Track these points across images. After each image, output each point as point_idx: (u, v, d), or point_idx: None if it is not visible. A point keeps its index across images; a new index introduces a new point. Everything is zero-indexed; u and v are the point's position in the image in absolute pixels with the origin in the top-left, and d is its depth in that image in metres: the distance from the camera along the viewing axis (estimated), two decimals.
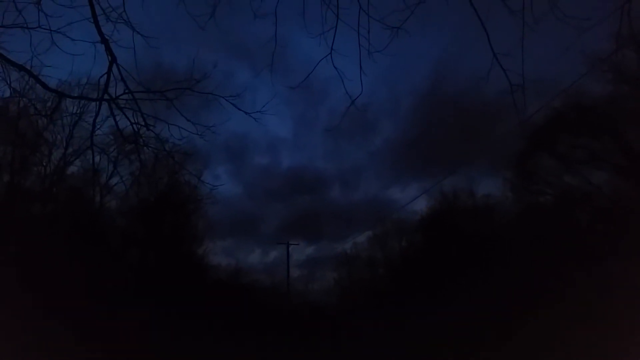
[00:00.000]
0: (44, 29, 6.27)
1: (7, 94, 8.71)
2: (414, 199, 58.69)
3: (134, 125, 7.09)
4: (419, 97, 49.64)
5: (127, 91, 6.71)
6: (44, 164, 24.07)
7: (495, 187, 41.06)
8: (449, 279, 27.42)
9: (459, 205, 34.31)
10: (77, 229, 23.39)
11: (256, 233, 67.72)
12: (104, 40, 6.00)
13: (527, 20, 5.52)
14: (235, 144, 60.06)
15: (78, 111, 22.61)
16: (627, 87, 19.93)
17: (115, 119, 7.10)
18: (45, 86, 6.99)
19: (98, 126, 8.13)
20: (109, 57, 6.16)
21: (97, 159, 17.67)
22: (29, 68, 6.61)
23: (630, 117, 20.51)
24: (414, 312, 28.41)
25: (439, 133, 43.07)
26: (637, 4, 5.39)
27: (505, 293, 21.64)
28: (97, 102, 6.94)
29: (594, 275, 18.23)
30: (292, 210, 64.11)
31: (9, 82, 7.62)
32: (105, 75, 6.39)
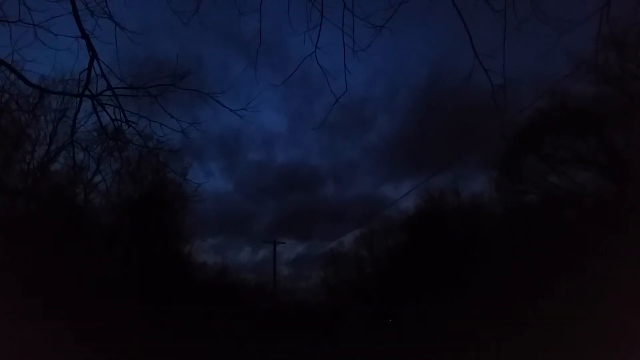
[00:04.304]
0: (25, 23, 6.19)
1: None
2: (401, 197, 58.81)
3: (115, 122, 7.02)
4: (413, 95, 49.88)
5: (108, 87, 6.63)
6: (27, 161, 23.72)
7: (483, 186, 41.26)
8: (434, 278, 27.56)
9: (445, 205, 34.48)
10: (61, 227, 23.08)
11: (247, 231, 67.28)
12: (85, 36, 5.92)
13: (510, 20, 5.57)
14: (229, 139, 59.24)
15: (61, 107, 22.30)
16: (610, 87, 20.20)
17: (97, 116, 7.03)
18: (26, 81, 6.87)
19: (81, 123, 8.04)
20: (90, 53, 6.08)
21: (80, 156, 17.37)
22: (9, 63, 6.52)
23: (613, 117, 20.79)
24: (399, 310, 28.52)
25: (431, 131, 43.29)
26: (615, 7, 5.48)
27: (489, 291, 21.79)
28: (78, 99, 6.85)
29: (578, 275, 18.40)
30: (284, 207, 63.60)
31: None
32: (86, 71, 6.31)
